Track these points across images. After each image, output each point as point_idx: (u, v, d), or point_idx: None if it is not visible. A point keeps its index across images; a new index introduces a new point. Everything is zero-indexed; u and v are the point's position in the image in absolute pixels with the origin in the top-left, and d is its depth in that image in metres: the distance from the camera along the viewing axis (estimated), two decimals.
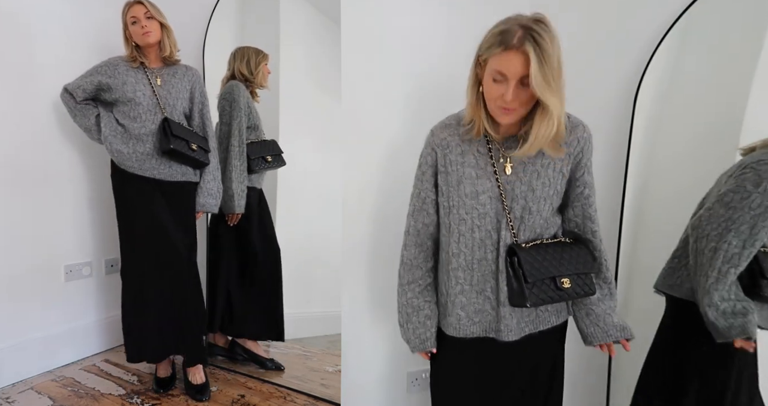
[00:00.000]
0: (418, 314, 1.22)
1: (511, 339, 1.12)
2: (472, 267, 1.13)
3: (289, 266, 2.04)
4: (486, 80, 1.03)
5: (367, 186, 1.62)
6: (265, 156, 2.00)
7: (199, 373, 1.88)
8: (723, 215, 1.13)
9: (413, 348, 1.24)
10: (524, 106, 1.01)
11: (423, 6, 1.61)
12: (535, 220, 1.11)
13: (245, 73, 1.99)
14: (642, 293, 1.47)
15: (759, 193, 1.10)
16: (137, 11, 1.77)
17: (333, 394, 1.78)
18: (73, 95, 1.80)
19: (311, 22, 1.95)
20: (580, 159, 1.11)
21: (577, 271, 1.11)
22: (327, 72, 1.70)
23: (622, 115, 1.52)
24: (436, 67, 1.66)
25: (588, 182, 1.14)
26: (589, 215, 1.16)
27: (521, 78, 0.96)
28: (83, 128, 1.85)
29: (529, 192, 1.09)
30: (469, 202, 1.11)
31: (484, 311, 1.15)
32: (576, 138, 1.09)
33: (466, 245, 1.13)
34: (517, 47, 0.95)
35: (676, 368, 1.29)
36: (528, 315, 1.14)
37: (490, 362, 1.19)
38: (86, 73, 1.83)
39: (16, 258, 1.94)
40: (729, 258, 1.11)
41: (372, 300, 1.66)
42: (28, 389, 1.89)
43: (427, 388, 1.73)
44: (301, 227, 2.04)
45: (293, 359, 2.07)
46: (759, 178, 1.12)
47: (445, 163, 1.14)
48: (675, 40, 1.42)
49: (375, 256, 1.64)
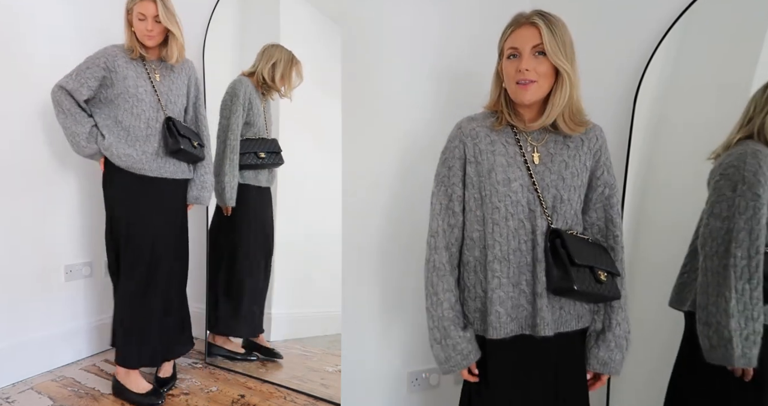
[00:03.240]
0: (456, 328, 1.14)
1: (547, 334, 1.10)
2: (508, 258, 1.11)
3: (289, 266, 2.04)
4: (503, 64, 1.11)
5: (368, 185, 1.62)
6: (257, 152, 1.97)
7: (169, 365, 1.91)
8: (721, 228, 1.13)
9: (453, 366, 1.14)
10: (541, 78, 1.06)
11: (423, 5, 1.62)
12: (566, 209, 1.12)
13: (266, 76, 1.97)
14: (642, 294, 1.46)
15: (740, 196, 1.11)
16: (147, 9, 1.66)
17: (333, 394, 1.78)
18: (73, 95, 1.67)
19: (311, 22, 1.95)
20: (599, 157, 1.15)
21: (608, 269, 1.10)
22: (327, 72, 1.70)
23: (622, 115, 1.52)
24: (437, 66, 1.66)
25: (609, 182, 1.16)
26: (611, 217, 1.16)
27: (534, 48, 1.05)
28: (70, 133, 1.70)
29: (560, 181, 1.11)
30: (502, 189, 1.11)
31: (520, 305, 1.12)
32: (596, 135, 1.16)
33: (500, 235, 1.11)
34: (528, 21, 1.07)
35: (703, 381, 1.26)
36: (554, 312, 1.12)
37: (532, 363, 1.15)
38: (82, 68, 1.68)
39: (16, 258, 1.94)
40: (740, 274, 1.10)
41: (372, 300, 1.66)
42: (28, 389, 1.89)
43: (427, 388, 1.73)
44: (301, 227, 2.03)
45: (293, 359, 2.07)
46: (732, 182, 1.13)
47: (474, 153, 1.14)
48: (675, 40, 1.42)
49: (375, 256, 1.64)
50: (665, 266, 1.33)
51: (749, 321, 1.09)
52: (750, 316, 1.09)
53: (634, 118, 1.49)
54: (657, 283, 1.36)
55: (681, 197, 1.32)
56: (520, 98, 1.08)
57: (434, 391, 1.74)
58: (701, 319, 1.16)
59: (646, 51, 1.46)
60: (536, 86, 1.07)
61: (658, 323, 1.35)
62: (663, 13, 1.43)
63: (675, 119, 1.44)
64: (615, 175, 1.18)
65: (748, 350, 1.09)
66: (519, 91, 1.08)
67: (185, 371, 2.05)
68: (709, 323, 1.14)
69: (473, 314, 1.17)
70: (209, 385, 1.92)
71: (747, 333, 1.09)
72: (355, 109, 1.57)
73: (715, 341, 1.12)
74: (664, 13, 1.42)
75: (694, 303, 1.22)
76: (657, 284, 1.36)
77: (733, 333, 1.09)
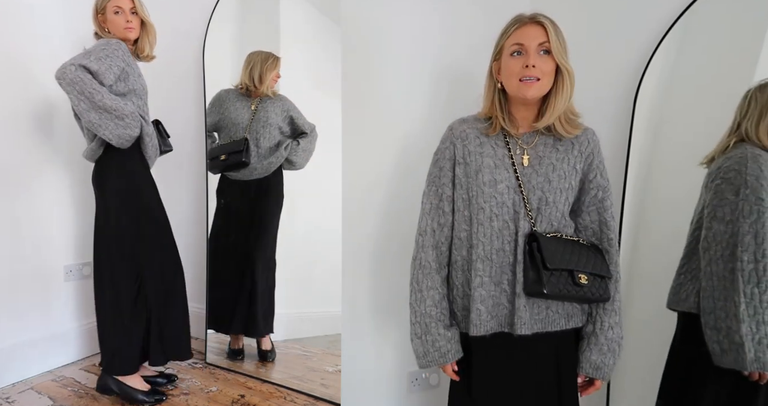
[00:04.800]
0: (437, 325, 1.17)
1: (524, 333, 1.11)
2: (490, 258, 1.12)
3: (289, 266, 2.04)
4: (505, 62, 1.11)
5: (367, 186, 1.62)
6: (219, 156, 2.02)
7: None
8: (726, 232, 1.13)
9: (429, 362, 1.17)
10: (545, 77, 1.07)
11: (422, 6, 1.62)
12: (551, 212, 1.12)
13: (247, 82, 2.00)
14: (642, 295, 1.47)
15: (743, 200, 1.11)
16: (123, 2, 1.65)
17: (333, 394, 1.78)
18: (97, 77, 1.52)
19: (311, 22, 1.95)
20: (591, 160, 1.16)
21: (594, 271, 1.11)
22: (327, 72, 1.70)
23: (622, 115, 1.52)
24: (437, 66, 1.66)
25: (602, 185, 1.17)
26: (605, 220, 1.17)
27: (540, 46, 1.07)
28: (112, 109, 1.53)
29: (546, 183, 1.12)
30: (488, 190, 1.12)
31: (500, 304, 1.14)
32: (587, 139, 1.16)
33: (484, 235, 1.12)
34: (532, 20, 1.09)
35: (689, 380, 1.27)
36: (538, 313, 1.13)
37: (515, 361, 1.16)
38: (100, 54, 1.54)
39: (16, 258, 1.94)
40: (748, 278, 1.09)
41: (372, 300, 1.66)
42: (28, 389, 1.89)
43: (427, 388, 1.73)
44: (301, 227, 2.03)
45: (293, 359, 2.07)
46: (733, 186, 1.13)
47: (464, 154, 1.17)
48: (675, 40, 1.42)
49: (375, 255, 1.64)
50: (665, 267, 1.33)
51: (761, 325, 1.08)
52: (762, 320, 1.08)
53: (634, 118, 1.49)
54: (656, 284, 1.36)
55: (681, 198, 1.31)
56: (524, 93, 1.08)
57: (434, 391, 1.74)
58: (708, 323, 1.15)
59: (646, 51, 1.46)
60: (540, 84, 1.07)
61: (657, 325, 1.35)
62: (663, 13, 1.43)
63: (675, 119, 1.44)
64: (609, 179, 1.19)
65: (761, 354, 1.08)
66: (522, 87, 1.08)
67: (185, 371, 2.05)
68: (718, 328, 1.13)
69: (461, 312, 1.20)
70: (209, 385, 1.92)
71: (759, 337, 1.08)
72: (354, 110, 1.57)
73: (726, 346, 1.11)
74: (664, 13, 1.42)
75: (692, 304, 1.22)
76: (656, 285, 1.36)
77: (745, 338, 1.08)
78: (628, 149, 1.49)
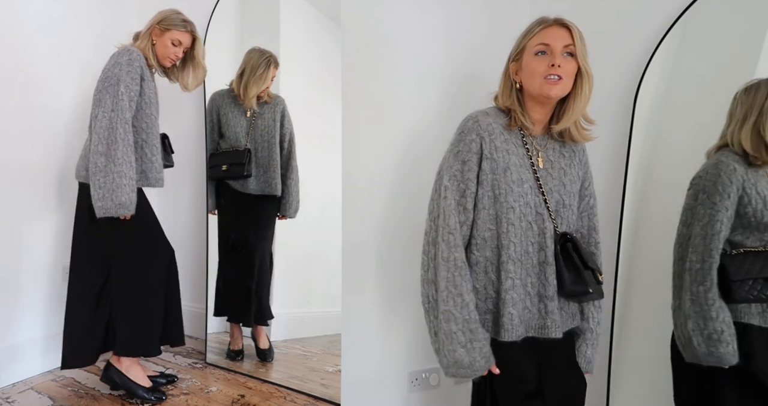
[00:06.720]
0: (482, 330, 1.09)
1: (557, 336, 1.10)
2: (521, 259, 1.10)
3: (289, 266, 2.04)
4: (527, 61, 1.11)
5: (367, 185, 1.62)
6: (220, 165, 2.01)
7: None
8: (685, 234, 1.19)
9: (476, 371, 1.07)
10: (567, 78, 1.08)
11: (422, 6, 1.62)
12: (568, 214, 1.15)
13: (235, 87, 1.98)
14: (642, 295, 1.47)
15: (700, 204, 1.16)
16: (185, 39, 1.74)
17: (333, 394, 1.78)
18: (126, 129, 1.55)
19: (311, 22, 1.95)
20: (587, 168, 1.21)
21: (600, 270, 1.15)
22: (327, 72, 1.70)
23: (622, 115, 1.52)
24: (437, 66, 1.66)
25: (593, 193, 1.22)
26: (593, 225, 1.22)
27: (565, 47, 1.07)
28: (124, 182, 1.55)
29: (561, 186, 1.14)
30: (517, 189, 1.10)
31: (527, 307, 1.11)
32: (582, 149, 1.21)
33: (515, 235, 1.09)
34: (557, 22, 1.10)
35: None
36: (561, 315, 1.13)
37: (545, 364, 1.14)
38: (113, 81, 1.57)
39: (16, 258, 1.94)
40: (695, 277, 1.14)
41: (372, 300, 1.66)
42: (28, 389, 1.89)
43: (427, 388, 1.73)
44: (301, 227, 2.03)
45: (293, 359, 2.07)
46: (695, 191, 1.19)
47: (491, 149, 1.11)
48: (675, 41, 1.42)
49: (375, 256, 1.64)
50: (665, 265, 1.33)
51: (708, 321, 1.11)
52: (708, 316, 1.11)
53: (634, 118, 1.49)
54: (657, 283, 1.36)
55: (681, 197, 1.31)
56: (547, 92, 1.07)
57: (434, 391, 1.74)
58: (673, 321, 1.21)
59: (646, 51, 1.47)
60: (563, 83, 1.08)
61: (657, 324, 1.35)
62: (663, 13, 1.43)
63: (675, 119, 1.44)
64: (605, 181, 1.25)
65: (714, 348, 1.10)
66: (546, 85, 1.07)
67: (185, 371, 2.05)
68: (676, 325, 1.20)
69: (484, 315, 1.13)
70: (209, 385, 1.92)
71: (708, 332, 1.11)
72: (355, 110, 1.57)
73: (683, 342, 1.17)
74: (664, 13, 1.43)
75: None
76: (657, 283, 1.36)
77: (692, 333, 1.13)
78: (628, 149, 1.49)
